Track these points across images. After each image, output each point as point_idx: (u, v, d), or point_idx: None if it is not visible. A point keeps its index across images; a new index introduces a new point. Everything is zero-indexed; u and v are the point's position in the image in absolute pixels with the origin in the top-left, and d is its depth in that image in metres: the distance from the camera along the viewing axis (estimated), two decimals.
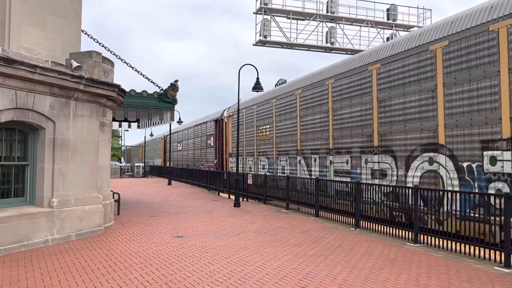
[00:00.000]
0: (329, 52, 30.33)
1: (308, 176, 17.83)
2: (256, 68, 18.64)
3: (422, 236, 10.15)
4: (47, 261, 8.15)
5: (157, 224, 13.04)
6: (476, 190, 10.16)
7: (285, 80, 27.69)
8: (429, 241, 9.92)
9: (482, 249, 8.61)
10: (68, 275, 7.21)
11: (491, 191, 9.73)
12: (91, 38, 14.73)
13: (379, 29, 30.52)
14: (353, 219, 12.57)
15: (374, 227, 11.76)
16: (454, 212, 9.52)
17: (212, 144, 34.21)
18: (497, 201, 8.43)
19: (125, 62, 15.92)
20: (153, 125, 19.42)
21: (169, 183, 35.13)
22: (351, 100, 15.46)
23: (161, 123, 18.32)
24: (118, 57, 15.74)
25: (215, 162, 32.95)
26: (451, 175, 11.04)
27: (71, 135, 10.53)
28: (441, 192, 10.12)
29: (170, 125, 34.85)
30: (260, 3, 27.77)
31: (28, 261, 8.13)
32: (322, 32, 29.46)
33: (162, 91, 15.78)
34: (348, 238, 10.80)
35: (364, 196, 12.38)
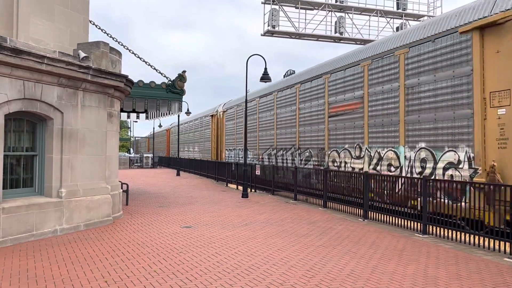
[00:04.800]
0: (338, 42, 30.06)
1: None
2: (264, 59, 18.53)
3: (431, 227, 10.08)
4: (56, 251, 8.22)
5: (165, 214, 13.09)
6: None
7: (294, 71, 27.28)
8: (438, 232, 9.85)
9: (491, 240, 8.53)
10: (76, 264, 7.26)
11: None
12: (98, 28, 14.73)
13: (388, 19, 30.16)
14: (362, 210, 12.52)
15: (382, 218, 11.69)
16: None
17: None
18: None
19: (132, 53, 15.90)
20: (161, 116, 19.41)
21: (178, 174, 35.27)
22: None
23: (169, 114, 18.30)
24: (126, 47, 15.73)
25: None
26: None
27: (79, 126, 10.56)
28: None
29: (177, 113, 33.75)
30: None
31: (37, 251, 8.20)
32: (331, 22, 29.20)
33: (170, 82, 15.76)
34: (356, 229, 10.75)
35: None
